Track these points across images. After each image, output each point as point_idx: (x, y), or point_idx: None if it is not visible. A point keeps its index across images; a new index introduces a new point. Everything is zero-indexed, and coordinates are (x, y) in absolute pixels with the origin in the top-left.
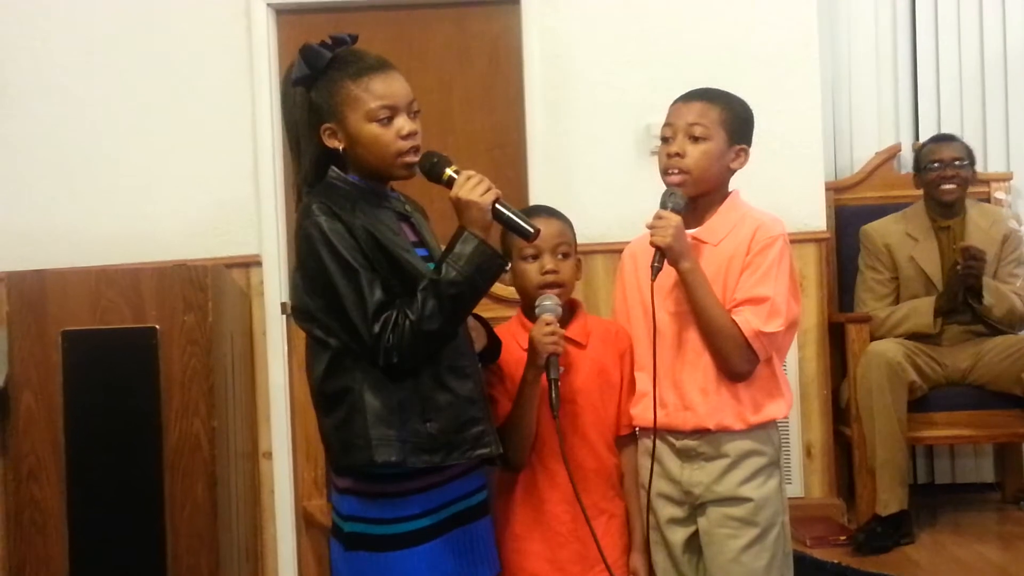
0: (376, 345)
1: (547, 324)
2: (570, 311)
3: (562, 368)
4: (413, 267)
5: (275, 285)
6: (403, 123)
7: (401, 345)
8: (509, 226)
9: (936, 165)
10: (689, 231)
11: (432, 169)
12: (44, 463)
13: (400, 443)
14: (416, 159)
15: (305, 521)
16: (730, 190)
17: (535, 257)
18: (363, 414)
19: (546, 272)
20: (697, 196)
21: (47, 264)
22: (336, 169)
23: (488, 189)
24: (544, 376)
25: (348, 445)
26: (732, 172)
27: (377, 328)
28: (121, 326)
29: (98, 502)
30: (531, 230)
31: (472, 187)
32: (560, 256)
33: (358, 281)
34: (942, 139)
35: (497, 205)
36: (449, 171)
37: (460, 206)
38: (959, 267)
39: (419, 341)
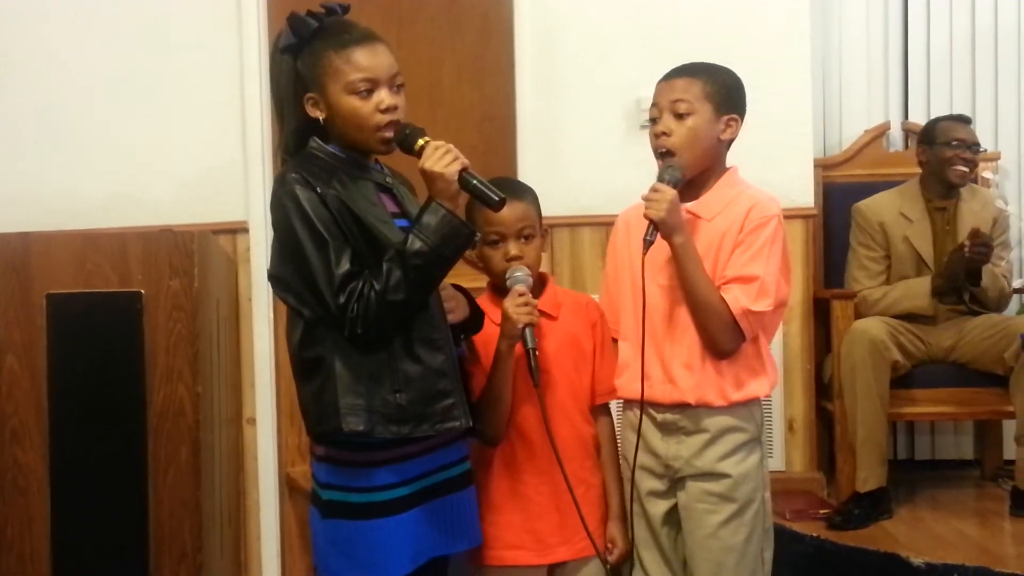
0: (342, 316)
1: (520, 295)
2: (540, 284)
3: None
4: (386, 238)
5: (262, 252)
6: (383, 96)
7: (367, 315)
8: (476, 195)
9: (955, 144)
10: (684, 204)
11: (404, 141)
12: (27, 426)
13: (368, 413)
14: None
15: (288, 487)
16: (728, 166)
17: (498, 242)
18: (333, 383)
19: (510, 258)
20: (694, 171)
21: (32, 227)
22: (317, 139)
23: (454, 159)
24: (516, 348)
25: (320, 414)
26: (725, 144)
27: (343, 299)
28: (106, 290)
29: (81, 466)
30: (496, 199)
31: (438, 158)
32: (523, 239)
33: (327, 251)
34: (961, 119)
35: (464, 174)
36: (420, 142)
37: (427, 177)
38: (966, 251)
39: (384, 311)
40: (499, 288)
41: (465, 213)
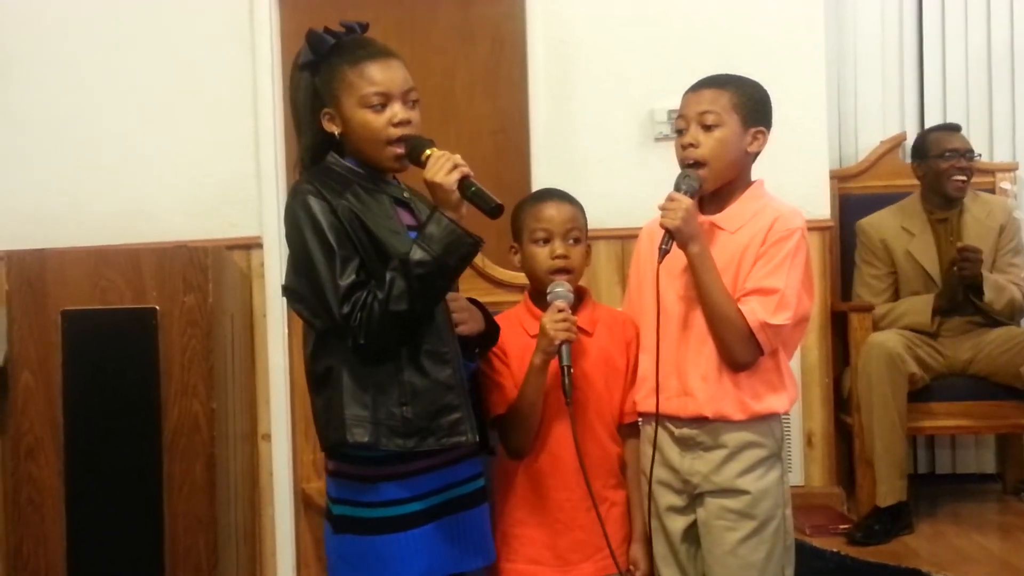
0: (345, 325)
1: (559, 311)
2: (578, 299)
3: None
4: (396, 249)
5: (275, 267)
6: (396, 110)
7: (370, 325)
8: (475, 204)
9: (949, 155)
10: (708, 217)
11: (412, 153)
12: (43, 442)
13: (374, 425)
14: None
15: (303, 503)
16: (753, 179)
17: (546, 241)
18: (340, 394)
19: (556, 256)
20: (719, 183)
21: (47, 243)
22: (335, 154)
23: (454, 168)
24: (551, 364)
25: (328, 425)
26: (752, 156)
27: (347, 308)
28: (121, 306)
29: (96, 482)
30: (492, 206)
31: (438, 168)
32: (571, 241)
33: (333, 261)
34: (951, 128)
35: (464, 182)
36: (427, 152)
37: (429, 188)
38: (955, 268)
39: (387, 321)
40: (538, 296)
41: (512, 217)
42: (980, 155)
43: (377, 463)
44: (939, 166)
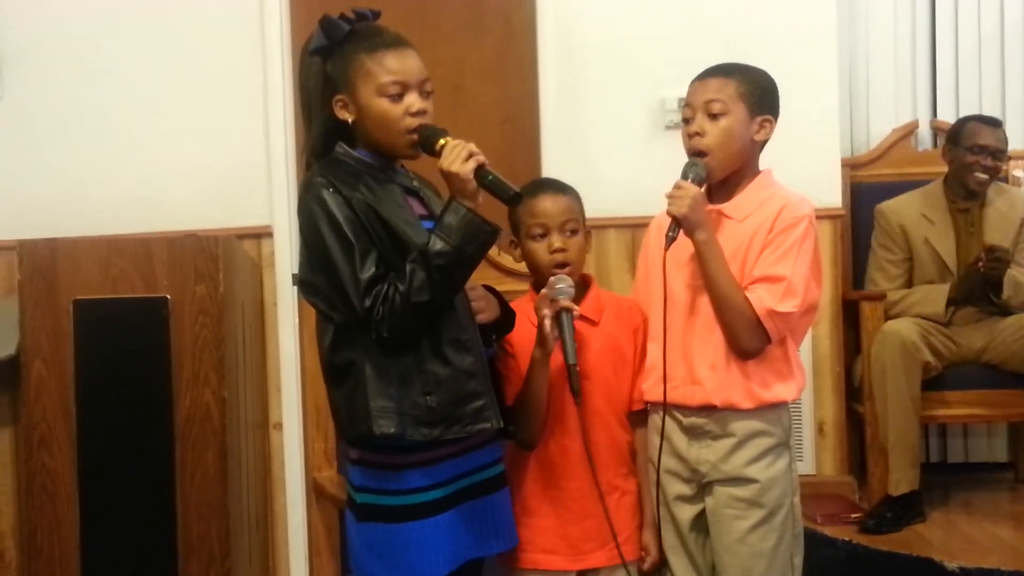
0: (368, 318)
1: (552, 301)
2: (582, 287)
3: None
4: (413, 240)
5: (286, 256)
6: (413, 100)
7: (392, 318)
8: (492, 192)
9: (977, 150)
10: (716, 205)
11: (426, 142)
12: (55, 431)
13: (399, 415)
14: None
15: (315, 492)
16: (763, 168)
17: (543, 235)
18: (364, 386)
19: (555, 251)
20: (726, 172)
21: (58, 233)
22: (343, 144)
23: (470, 157)
24: (555, 357)
25: (352, 417)
26: (759, 145)
27: (368, 302)
28: (132, 295)
29: (109, 471)
30: (511, 194)
31: (454, 157)
32: (568, 233)
33: (352, 255)
34: (990, 123)
35: (481, 171)
36: (441, 142)
37: (446, 177)
38: (980, 265)
39: (409, 313)
40: (541, 287)
41: (508, 212)
42: (1010, 157)
43: (402, 451)
44: (965, 158)
